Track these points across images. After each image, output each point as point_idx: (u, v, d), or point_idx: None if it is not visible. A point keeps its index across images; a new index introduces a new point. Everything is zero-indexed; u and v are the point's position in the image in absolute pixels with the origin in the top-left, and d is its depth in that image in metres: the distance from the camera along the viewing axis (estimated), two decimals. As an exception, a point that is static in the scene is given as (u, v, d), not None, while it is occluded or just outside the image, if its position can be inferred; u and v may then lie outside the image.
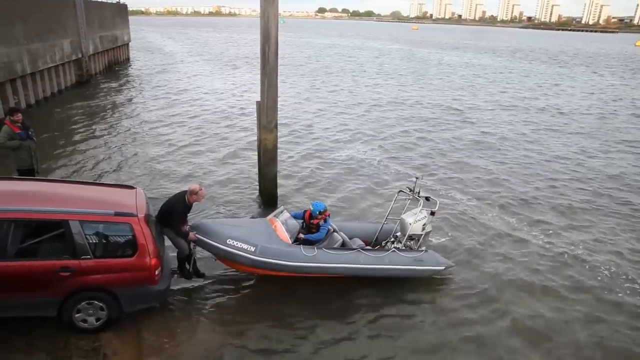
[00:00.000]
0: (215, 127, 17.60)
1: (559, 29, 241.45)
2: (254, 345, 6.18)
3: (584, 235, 9.87)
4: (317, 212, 7.68)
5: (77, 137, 15.16)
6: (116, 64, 33.14)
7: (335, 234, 7.89)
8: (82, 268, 5.70)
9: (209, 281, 7.40)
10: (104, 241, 5.94)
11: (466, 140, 17.14)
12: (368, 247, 7.91)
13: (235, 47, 57.78)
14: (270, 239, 7.04)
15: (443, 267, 7.76)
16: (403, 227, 7.99)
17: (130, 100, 22.23)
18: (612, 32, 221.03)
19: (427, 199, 8.04)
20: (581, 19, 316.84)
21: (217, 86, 27.40)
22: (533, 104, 24.96)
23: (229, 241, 6.81)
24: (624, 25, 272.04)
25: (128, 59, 37.51)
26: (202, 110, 20.58)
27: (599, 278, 8.21)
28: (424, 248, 7.87)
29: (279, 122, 9.92)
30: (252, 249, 6.80)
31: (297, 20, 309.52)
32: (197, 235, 6.93)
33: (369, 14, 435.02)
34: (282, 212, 7.83)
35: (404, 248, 7.77)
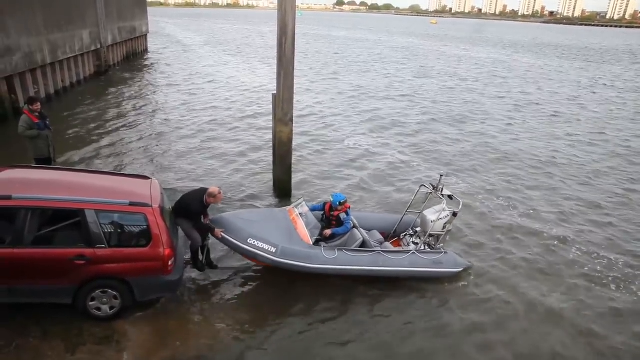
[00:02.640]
0: (232, 119, 17.64)
1: (582, 24, 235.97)
2: (264, 338, 6.19)
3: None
4: (338, 203, 7.62)
5: (93, 127, 15.32)
6: (134, 55, 33.39)
7: (356, 230, 7.82)
8: (97, 257, 5.75)
9: (222, 273, 7.43)
10: (119, 231, 5.98)
11: (493, 141, 16.89)
12: (387, 245, 7.87)
13: (254, 39, 57.80)
14: (291, 239, 7.02)
15: (461, 269, 7.70)
16: (424, 223, 7.90)
17: (147, 91, 22.39)
18: (639, 27, 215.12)
19: (450, 197, 7.93)
20: (606, 13, 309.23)
21: (234, 78, 27.44)
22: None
23: (250, 240, 6.80)
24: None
25: (146, 50, 37.77)
26: (219, 101, 20.66)
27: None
28: (443, 249, 7.79)
29: (294, 114, 9.88)
30: (273, 249, 6.79)
31: (315, 13, 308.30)
32: (222, 233, 6.92)
33: (387, 7, 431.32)
34: (301, 204, 7.79)
35: (423, 245, 7.73)
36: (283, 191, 10.34)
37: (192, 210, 6.75)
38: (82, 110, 17.34)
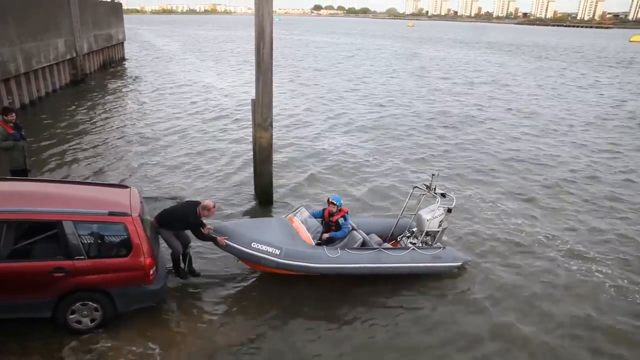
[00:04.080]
0: (211, 125, 17.55)
1: (554, 25, 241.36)
2: (250, 345, 6.15)
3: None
4: (338, 204, 7.76)
5: (70, 137, 15.07)
6: (111, 63, 32.98)
7: (355, 232, 7.98)
8: (76, 268, 5.66)
9: (205, 280, 7.38)
10: (98, 241, 5.89)
11: (470, 136, 17.15)
12: (387, 245, 8.02)
13: (232, 45, 57.61)
14: (294, 241, 7.11)
15: (460, 263, 7.95)
16: (420, 223, 8.10)
17: (124, 99, 22.14)
18: (607, 27, 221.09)
19: (443, 195, 8.16)
20: (576, 14, 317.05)
21: (212, 84, 27.31)
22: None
23: (254, 244, 6.88)
24: (619, 20, 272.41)
25: (123, 58, 37.35)
26: (198, 107, 20.52)
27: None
28: (441, 245, 8.00)
29: (274, 119, 9.89)
30: (277, 251, 6.89)
31: (292, 17, 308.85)
32: (225, 240, 6.95)
33: (364, 11, 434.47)
34: (300, 210, 7.89)
35: (421, 244, 7.93)
36: (265, 197, 10.32)
37: (191, 222, 6.77)
38: (58, 120, 17.04)
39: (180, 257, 7.10)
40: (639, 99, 26.94)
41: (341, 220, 7.78)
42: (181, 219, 6.83)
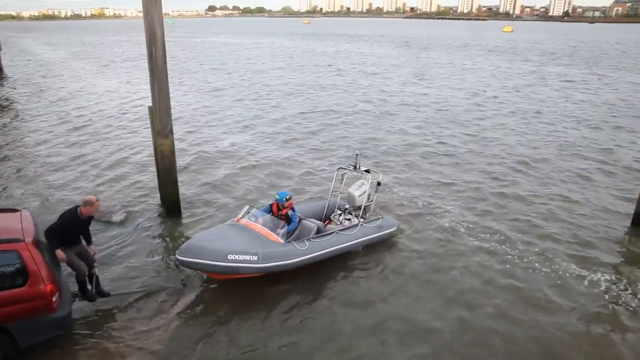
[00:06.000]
0: (107, 135, 16.59)
1: (438, 18, 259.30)
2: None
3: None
4: (284, 199, 8.08)
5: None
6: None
7: (305, 222, 8.41)
8: (-37, 307, 5.12)
9: (117, 300, 6.99)
10: (-12, 274, 5.36)
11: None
12: (334, 227, 8.52)
13: (123, 50, 54.42)
14: (264, 243, 7.26)
15: (396, 227, 8.95)
16: (351, 199, 8.84)
17: (6, 113, 20.08)
18: (484, 19, 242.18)
19: (367, 171, 9.03)
20: (457, 8, 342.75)
21: (105, 91, 25.72)
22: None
23: (230, 256, 6.89)
24: (492, 13, 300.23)
25: (0, 69, 33.81)
26: (91, 118, 19.26)
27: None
28: (379, 215, 8.89)
29: (174, 125, 9.61)
30: (255, 258, 7.03)
31: (186, 20, 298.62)
32: (190, 259, 6.83)
33: (260, 10, 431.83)
34: (251, 211, 7.95)
35: (356, 218, 8.67)
36: (172, 206, 9.97)
37: (73, 228, 6.33)
38: None
39: (87, 278, 6.65)
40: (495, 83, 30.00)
41: (290, 213, 8.16)
42: (67, 229, 6.30)
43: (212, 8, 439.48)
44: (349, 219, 8.77)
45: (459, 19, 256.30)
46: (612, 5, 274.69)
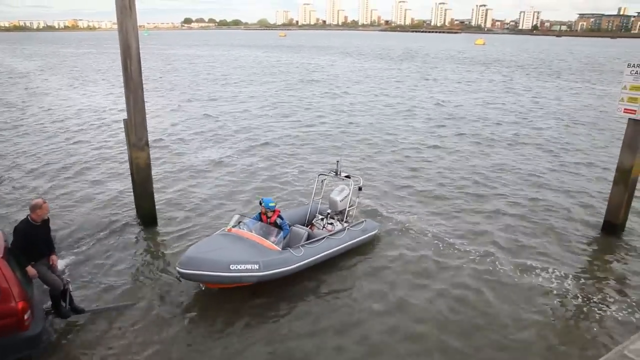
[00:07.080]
0: (82, 148, 16.31)
1: (413, 31, 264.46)
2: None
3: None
4: (270, 204, 8.13)
5: None
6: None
7: (295, 228, 8.60)
8: None
9: (91, 316, 6.82)
10: (-45, 292, 5.20)
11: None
12: (323, 232, 8.65)
13: (98, 62, 53.68)
14: (264, 252, 7.32)
15: (378, 230, 9.23)
16: (333, 204, 9.05)
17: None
18: (456, 32, 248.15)
19: (347, 177, 9.29)
20: (430, 21, 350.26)
21: (79, 105, 25.24)
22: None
23: (232, 266, 6.93)
24: (465, 26, 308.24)
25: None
26: (66, 132, 18.87)
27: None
28: (361, 219, 9.22)
29: (149, 138, 9.54)
30: (256, 266, 7.07)
31: (162, 32, 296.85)
32: (192, 271, 6.84)
33: (236, 23, 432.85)
34: (240, 221, 7.99)
35: (338, 223, 8.86)
36: (148, 219, 9.85)
37: (30, 242, 6.06)
38: None
39: (61, 294, 6.48)
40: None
41: (279, 220, 8.19)
42: (27, 240, 6.08)
43: (188, 20, 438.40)
44: (331, 224, 8.97)
45: (432, 31, 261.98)
46: (577, 20, 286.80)
